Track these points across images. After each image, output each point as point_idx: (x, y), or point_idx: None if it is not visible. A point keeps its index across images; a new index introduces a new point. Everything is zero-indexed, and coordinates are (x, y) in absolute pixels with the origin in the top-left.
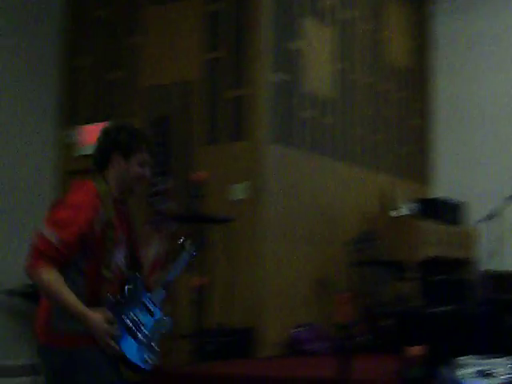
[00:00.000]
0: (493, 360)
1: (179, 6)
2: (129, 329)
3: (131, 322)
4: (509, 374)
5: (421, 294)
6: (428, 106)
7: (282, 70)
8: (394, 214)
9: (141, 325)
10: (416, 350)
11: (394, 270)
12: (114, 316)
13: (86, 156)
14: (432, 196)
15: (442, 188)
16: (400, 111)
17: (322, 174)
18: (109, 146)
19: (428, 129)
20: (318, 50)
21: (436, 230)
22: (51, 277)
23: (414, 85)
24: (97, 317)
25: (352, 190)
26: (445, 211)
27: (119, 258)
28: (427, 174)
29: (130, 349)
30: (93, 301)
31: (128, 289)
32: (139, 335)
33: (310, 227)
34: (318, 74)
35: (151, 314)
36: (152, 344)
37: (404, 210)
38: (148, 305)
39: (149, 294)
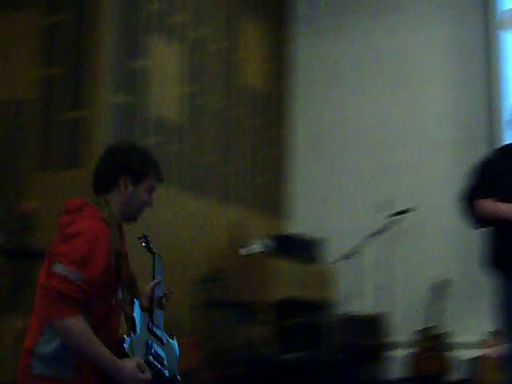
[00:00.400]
0: None
1: (11, 17)
2: (156, 369)
3: (155, 359)
4: None
5: (274, 339)
6: (286, 134)
7: (124, 91)
8: (245, 250)
9: (162, 359)
10: None
11: (245, 313)
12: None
13: None
14: (288, 232)
15: (300, 223)
16: (255, 139)
17: (166, 206)
18: (118, 168)
19: (285, 159)
20: (165, 70)
21: (291, 269)
22: (80, 327)
23: (271, 111)
24: (130, 368)
25: (200, 224)
26: (301, 249)
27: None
28: (283, 207)
29: None
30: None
31: (134, 318)
32: (165, 373)
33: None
34: (165, 97)
35: (161, 341)
36: (177, 377)
37: (256, 247)
38: (156, 331)
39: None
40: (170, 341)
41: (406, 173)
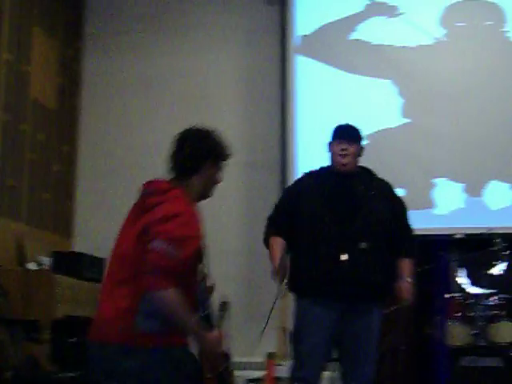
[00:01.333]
0: None
1: None
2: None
3: None
4: None
5: (54, 357)
6: (72, 151)
7: None
8: (27, 267)
9: None
10: None
11: (26, 330)
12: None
13: None
14: (72, 249)
15: (83, 241)
16: (41, 155)
17: None
18: (204, 153)
19: (71, 176)
20: None
21: (73, 287)
22: (176, 298)
23: (58, 127)
24: (214, 339)
25: None
26: (84, 267)
27: None
28: (67, 225)
29: None
30: None
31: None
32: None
33: None
34: None
35: None
36: None
37: (39, 264)
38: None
39: None
40: None
41: None
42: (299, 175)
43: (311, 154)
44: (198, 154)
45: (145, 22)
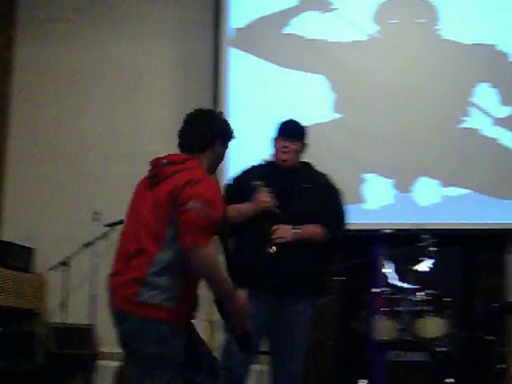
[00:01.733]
0: None
1: None
2: None
3: None
4: None
5: None
6: (1, 139)
7: None
8: None
9: None
10: None
11: None
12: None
13: None
14: None
15: (11, 230)
16: None
17: None
18: (215, 131)
19: (0, 164)
20: None
21: (2, 277)
22: (215, 256)
23: None
24: (243, 298)
25: None
26: (11, 256)
27: None
28: None
29: None
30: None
31: None
32: None
33: None
34: None
35: None
36: None
37: None
38: None
39: None
40: None
41: (121, 185)
42: (230, 170)
43: (243, 147)
44: (210, 133)
45: (77, 11)
